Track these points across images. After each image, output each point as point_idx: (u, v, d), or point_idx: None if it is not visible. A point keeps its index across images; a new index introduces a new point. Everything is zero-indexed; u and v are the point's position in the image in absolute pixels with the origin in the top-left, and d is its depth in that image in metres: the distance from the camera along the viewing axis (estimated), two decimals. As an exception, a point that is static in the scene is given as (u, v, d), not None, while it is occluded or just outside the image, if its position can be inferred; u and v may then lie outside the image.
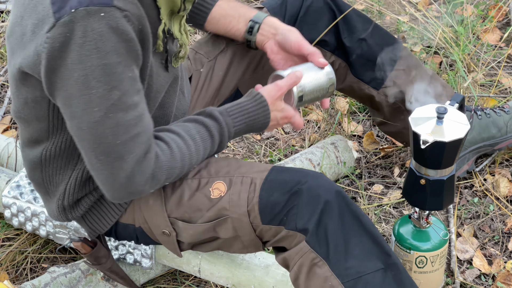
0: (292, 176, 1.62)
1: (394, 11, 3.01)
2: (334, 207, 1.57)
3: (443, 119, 1.73)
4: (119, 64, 1.44)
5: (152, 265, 1.92)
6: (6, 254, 2.10)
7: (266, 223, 1.62)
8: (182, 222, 1.69)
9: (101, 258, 1.82)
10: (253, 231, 1.65)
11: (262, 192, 1.62)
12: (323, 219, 1.57)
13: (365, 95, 2.15)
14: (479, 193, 2.26)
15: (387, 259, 1.59)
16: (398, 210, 2.24)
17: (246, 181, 1.64)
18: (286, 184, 1.61)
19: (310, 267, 1.58)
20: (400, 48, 2.11)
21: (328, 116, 2.50)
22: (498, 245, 2.13)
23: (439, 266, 1.92)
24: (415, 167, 1.80)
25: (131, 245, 1.89)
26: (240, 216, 1.64)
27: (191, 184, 1.69)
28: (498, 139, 2.24)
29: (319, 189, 1.59)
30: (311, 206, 1.58)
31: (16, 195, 1.98)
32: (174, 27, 1.63)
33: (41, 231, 1.99)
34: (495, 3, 2.91)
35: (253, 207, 1.62)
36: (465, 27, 2.68)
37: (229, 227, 1.66)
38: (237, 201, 1.63)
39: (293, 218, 1.59)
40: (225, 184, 1.66)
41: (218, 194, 1.66)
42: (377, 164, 2.39)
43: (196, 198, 1.67)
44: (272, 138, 2.54)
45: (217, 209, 1.65)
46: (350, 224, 1.58)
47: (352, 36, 2.06)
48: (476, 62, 2.66)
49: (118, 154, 1.49)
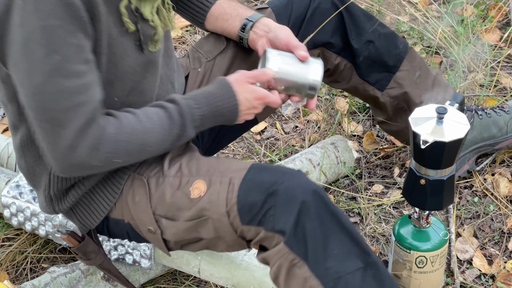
0: (270, 176, 1.60)
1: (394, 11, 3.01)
2: (312, 207, 1.55)
3: (443, 119, 1.73)
4: (59, 28, 1.43)
5: (151, 265, 1.91)
6: (6, 254, 2.10)
7: (245, 223, 1.61)
8: (166, 220, 1.69)
9: (90, 253, 1.80)
10: (234, 231, 1.64)
11: (240, 192, 1.60)
12: (300, 220, 1.55)
13: (369, 95, 2.15)
14: (479, 193, 2.26)
15: (366, 258, 1.57)
16: (398, 210, 2.24)
17: (224, 181, 1.63)
18: (263, 184, 1.59)
19: (290, 267, 1.57)
20: (406, 48, 2.11)
21: (328, 116, 2.50)
22: (498, 245, 2.13)
23: (439, 266, 1.92)
24: (415, 167, 1.80)
25: (130, 246, 1.89)
26: (220, 216, 1.62)
27: (173, 183, 1.68)
28: (498, 139, 2.24)
29: (295, 190, 1.56)
30: (288, 207, 1.56)
31: (15, 195, 1.98)
32: (145, 7, 1.61)
33: (40, 231, 1.99)
34: (495, 3, 2.91)
35: (231, 207, 1.61)
36: (465, 27, 2.68)
37: (210, 228, 1.65)
38: (216, 201, 1.62)
39: (271, 219, 1.57)
40: (205, 184, 1.65)
41: (198, 194, 1.65)
42: (377, 164, 2.39)
43: (177, 196, 1.67)
44: (272, 138, 2.54)
45: (198, 209, 1.64)
46: (328, 223, 1.56)
47: (360, 38, 2.05)
48: (476, 62, 2.66)
49: (58, 121, 1.48)
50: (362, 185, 2.29)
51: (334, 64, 2.09)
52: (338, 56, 2.08)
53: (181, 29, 3.07)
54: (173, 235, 1.70)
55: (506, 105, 2.27)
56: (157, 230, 1.70)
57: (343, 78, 2.12)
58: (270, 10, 2.01)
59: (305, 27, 2.01)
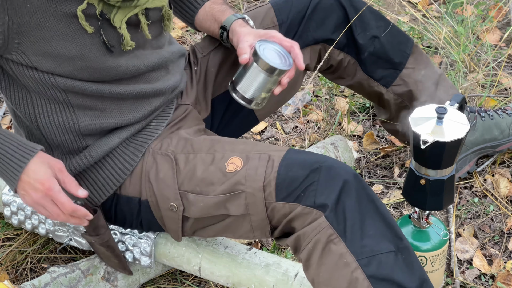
0: (311, 156, 1.65)
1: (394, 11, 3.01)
2: (352, 187, 1.59)
3: (443, 119, 1.73)
4: None
5: (151, 263, 1.92)
6: (6, 254, 2.10)
7: (280, 199, 1.63)
8: (193, 195, 1.69)
9: (101, 227, 1.80)
10: (265, 209, 1.65)
11: (281, 168, 1.63)
12: (342, 197, 1.59)
13: (373, 92, 2.15)
14: (479, 193, 2.26)
15: (399, 242, 1.60)
16: (398, 210, 2.24)
17: (263, 157, 1.66)
18: (305, 162, 1.63)
19: (326, 243, 1.59)
20: (411, 46, 2.11)
21: (328, 116, 2.50)
22: (498, 245, 2.13)
23: (439, 266, 1.92)
24: (415, 167, 1.80)
25: (130, 243, 1.89)
26: (254, 191, 1.64)
27: (205, 158, 1.70)
28: (500, 141, 2.24)
29: (339, 169, 1.61)
30: (331, 183, 1.59)
31: (16, 194, 1.99)
32: (116, 15, 1.64)
33: (40, 229, 1.99)
34: (495, 3, 2.91)
35: (269, 182, 1.63)
36: (465, 27, 2.68)
37: (242, 203, 1.66)
38: (253, 175, 1.64)
39: (312, 194, 1.60)
40: (241, 160, 1.67)
41: (234, 168, 1.66)
42: (377, 164, 2.40)
43: (210, 171, 1.68)
44: (272, 138, 2.54)
45: (232, 183, 1.66)
46: (366, 205, 1.60)
47: (366, 33, 2.05)
48: (476, 62, 2.66)
49: None
50: (362, 185, 2.29)
51: (337, 60, 2.09)
52: (341, 52, 2.08)
53: (181, 29, 3.07)
54: (199, 210, 1.70)
55: (509, 107, 2.28)
56: (180, 206, 1.71)
57: (347, 74, 2.12)
58: (270, 6, 2.02)
59: (305, 23, 2.01)
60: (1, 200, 2.03)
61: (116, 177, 1.75)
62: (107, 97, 1.72)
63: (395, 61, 2.09)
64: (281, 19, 2.01)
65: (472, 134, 2.21)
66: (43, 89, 1.67)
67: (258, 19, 2.01)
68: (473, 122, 2.20)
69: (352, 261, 1.57)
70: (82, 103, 1.70)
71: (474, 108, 2.23)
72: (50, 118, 1.70)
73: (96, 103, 1.71)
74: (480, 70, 2.60)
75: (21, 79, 1.66)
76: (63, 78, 1.65)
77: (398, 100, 2.13)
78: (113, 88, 1.71)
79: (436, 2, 3.05)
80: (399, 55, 2.09)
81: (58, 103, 1.69)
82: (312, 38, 2.02)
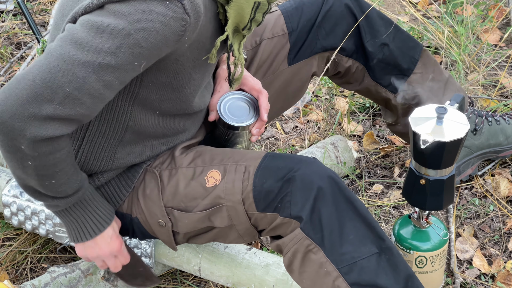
0: (285, 163, 1.63)
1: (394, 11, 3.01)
2: (328, 193, 1.58)
3: (443, 119, 1.73)
4: (141, 47, 1.45)
5: (152, 264, 1.92)
6: (6, 254, 2.10)
7: (261, 210, 1.63)
8: (178, 211, 1.70)
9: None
10: (248, 219, 1.66)
11: (256, 180, 1.63)
12: (316, 206, 1.57)
13: (381, 97, 2.14)
14: (479, 193, 2.26)
15: (381, 243, 1.59)
16: (398, 210, 2.24)
17: (240, 169, 1.65)
18: (279, 171, 1.62)
19: (305, 253, 1.59)
20: (420, 51, 2.09)
21: (328, 116, 2.50)
22: (498, 245, 2.13)
23: (439, 266, 1.92)
24: (415, 167, 1.80)
25: (131, 244, 1.89)
26: (234, 204, 1.64)
27: (186, 173, 1.70)
28: (504, 147, 2.24)
29: (312, 176, 1.59)
30: (305, 193, 1.58)
31: (16, 193, 1.98)
32: (234, 44, 1.64)
33: (40, 230, 1.99)
34: (495, 3, 2.91)
35: (247, 194, 1.63)
36: (465, 27, 2.68)
37: (224, 215, 1.67)
38: (231, 189, 1.64)
39: (287, 205, 1.60)
40: (219, 173, 1.67)
41: (213, 182, 1.67)
42: (377, 164, 2.40)
43: (191, 187, 1.68)
44: (272, 138, 2.54)
45: (212, 197, 1.66)
46: (344, 209, 1.58)
47: (375, 40, 2.03)
48: (477, 62, 2.66)
49: (48, 95, 1.44)
50: (362, 185, 2.29)
51: (345, 67, 2.08)
52: (349, 59, 2.06)
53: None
54: (185, 226, 1.72)
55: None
56: (168, 223, 1.72)
57: (355, 79, 2.11)
58: (279, 13, 2.00)
59: (315, 31, 2.00)
60: (1, 201, 2.03)
61: (119, 194, 1.76)
62: (152, 133, 1.71)
63: (403, 67, 2.08)
64: (291, 27, 2.00)
65: (478, 138, 2.21)
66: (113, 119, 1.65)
67: (268, 26, 2.00)
68: (480, 126, 2.20)
69: (333, 270, 1.57)
70: (130, 139, 1.69)
71: (482, 112, 2.22)
72: (94, 147, 1.68)
73: (143, 141, 1.71)
74: (480, 70, 2.60)
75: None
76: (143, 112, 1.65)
77: (406, 105, 2.12)
78: (175, 124, 1.71)
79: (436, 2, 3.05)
80: (407, 61, 2.08)
81: (114, 136, 1.67)
82: (321, 46, 2.01)
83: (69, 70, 1.43)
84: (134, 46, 1.44)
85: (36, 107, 1.43)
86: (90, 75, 1.44)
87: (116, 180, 1.75)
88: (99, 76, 1.45)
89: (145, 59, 1.48)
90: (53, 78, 1.43)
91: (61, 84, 1.44)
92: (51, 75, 1.43)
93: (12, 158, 1.51)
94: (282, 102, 2.05)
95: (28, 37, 3.05)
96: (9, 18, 3.13)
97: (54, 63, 1.44)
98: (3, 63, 2.90)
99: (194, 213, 1.69)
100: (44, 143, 1.47)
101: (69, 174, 1.59)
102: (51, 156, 1.51)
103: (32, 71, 1.45)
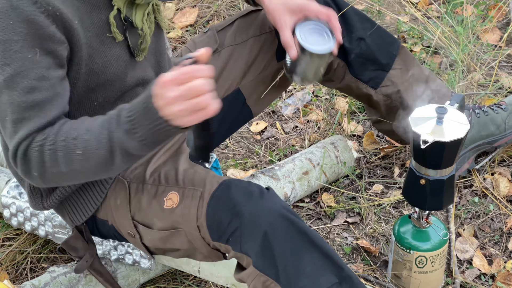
0: (237, 194, 1.58)
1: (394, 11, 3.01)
2: (278, 228, 1.54)
3: (443, 119, 1.73)
4: (15, 42, 1.43)
5: (151, 265, 1.91)
6: (6, 254, 2.10)
7: (215, 240, 1.61)
8: (142, 226, 1.70)
9: (79, 249, 1.79)
10: (206, 244, 1.64)
11: (209, 209, 1.60)
12: (267, 241, 1.53)
13: (362, 94, 2.15)
14: (479, 193, 2.26)
15: (340, 272, 1.55)
16: (398, 210, 2.24)
17: (196, 195, 1.62)
18: (229, 203, 1.58)
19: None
20: (398, 47, 2.11)
21: (328, 116, 2.50)
22: (498, 245, 2.13)
23: (439, 266, 1.92)
24: (415, 167, 1.80)
25: (130, 245, 1.89)
26: (191, 229, 1.63)
27: (150, 190, 1.69)
28: (497, 136, 2.24)
29: (260, 213, 1.55)
30: (253, 230, 1.54)
31: (15, 195, 1.98)
32: (136, 15, 1.60)
33: (40, 231, 1.99)
34: (495, 3, 2.91)
35: (201, 223, 1.61)
36: (465, 27, 2.68)
37: (184, 239, 1.66)
38: (187, 215, 1.63)
39: (238, 241, 1.57)
40: (178, 196, 1.65)
41: (171, 205, 1.65)
42: (377, 164, 2.39)
43: (152, 205, 1.68)
44: (272, 138, 2.54)
45: (171, 220, 1.65)
46: (297, 241, 1.54)
47: (351, 36, 2.05)
48: (476, 62, 2.66)
49: (8, 130, 1.49)
50: (363, 185, 2.29)
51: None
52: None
53: (181, 29, 3.07)
54: (150, 242, 1.72)
55: (503, 102, 2.28)
56: (136, 234, 1.72)
57: (336, 77, 2.12)
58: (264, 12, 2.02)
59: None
60: (1, 202, 2.03)
61: (92, 201, 1.74)
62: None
63: (382, 62, 2.09)
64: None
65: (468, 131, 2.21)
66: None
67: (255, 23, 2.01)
68: (468, 119, 2.20)
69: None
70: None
71: (469, 106, 2.23)
72: None
73: None
74: (479, 70, 2.60)
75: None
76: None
77: (388, 101, 2.13)
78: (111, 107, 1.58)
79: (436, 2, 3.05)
80: (386, 56, 2.09)
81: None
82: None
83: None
84: (10, 44, 1.43)
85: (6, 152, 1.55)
86: (3, 96, 1.46)
87: (87, 187, 1.72)
88: (13, 90, 1.45)
89: (35, 47, 1.45)
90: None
91: (4, 118, 1.48)
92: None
93: (57, 181, 1.53)
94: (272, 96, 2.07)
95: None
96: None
97: None
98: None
99: (155, 231, 1.68)
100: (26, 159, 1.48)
101: (87, 135, 1.47)
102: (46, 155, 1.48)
103: None
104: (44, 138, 1.47)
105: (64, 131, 1.48)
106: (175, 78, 1.35)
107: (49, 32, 1.46)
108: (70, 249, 1.79)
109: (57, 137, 1.47)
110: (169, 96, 1.35)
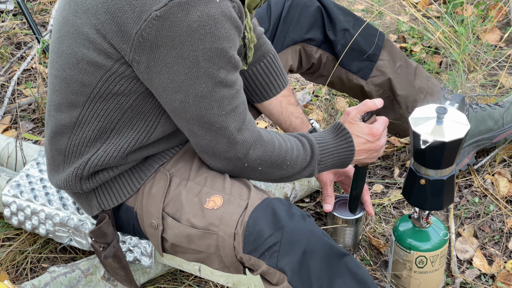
0: (281, 211, 1.61)
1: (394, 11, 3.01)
2: (317, 248, 1.56)
3: (443, 119, 1.73)
4: (230, 48, 1.54)
5: (152, 263, 1.91)
6: (6, 254, 2.10)
7: (247, 252, 1.61)
8: (172, 219, 1.70)
9: (109, 235, 1.80)
10: (234, 255, 1.64)
11: (250, 219, 1.61)
12: (305, 260, 1.55)
13: (354, 86, 2.17)
14: (479, 193, 2.26)
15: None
16: (398, 210, 2.24)
17: (242, 204, 1.64)
18: (273, 217, 1.60)
19: None
20: (382, 38, 2.15)
21: (328, 116, 2.50)
22: (498, 245, 2.13)
23: (439, 266, 1.92)
24: (415, 167, 1.80)
25: (131, 243, 1.89)
26: (226, 235, 1.63)
27: (193, 188, 1.70)
28: (495, 132, 2.25)
29: (303, 229, 1.58)
30: (293, 246, 1.56)
31: (16, 193, 1.98)
32: (250, 51, 1.72)
33: (40, 229, 1.99)
34: (495, 3, 2.91)
35: (238, 231, 1.62)
36: (465, 27, 2.68)
37: (213, 243, 1.66)
38: (227, 220, 1.63)
39: (275, 255, 1.57)
40: (222, 200, 1.66)
41: (212, 206, 1.66)
42: (377, 164, 2.39)
43: (192, 202, 1.68)
44: (272, 138, 2.54)
45: (208, 220, 1.65)
46: (334, 264, 1.56)
47: (335, 28, 2.10)
48: (476, 62, 2.66)
49: (219, 124, 1.60)
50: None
51: (316, 57, 2.13)
52: (318, 49, 2.12)
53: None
54: (174, 236, 1.71)
55: (501, 101, 2.29)
56: (160, 226, 1.71)
57: (327, 71, 2.16)
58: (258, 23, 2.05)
59: (281, 25, 2.07)
60: (1, 201, 2.03)
61: (128, 188, 1.76)
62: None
63: (368, 53, 2.13)
64: (265, 27, 2.07)
65: None
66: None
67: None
68: (465, 114, 2.21)
69: None
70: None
71: (466, 102, 2.24)
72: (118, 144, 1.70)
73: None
74: (480, 70, 2.60)
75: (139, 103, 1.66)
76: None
77: (380, 91, 2.16)
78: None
79: (436, 2, 3.05)
80: (371, 46, 2.13)
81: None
82: (291, 38, 2.09)
83: (212, 103, 1.60)
84: (223, 56, 1.55)
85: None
86: (217, 91, 1.59)
87: (129, 172, 1.75)
88: (226, 86, 1.60)
89: (233, 51, 1.57)
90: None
91: (219, 113, 1.62)
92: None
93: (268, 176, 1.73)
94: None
95: (28, 37, 3.05)
96: (9, 18, 3.13)
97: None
98: (3, 63, 2.90)
99: (185, 227, 1.68)
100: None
101: (296, 157, 1.73)
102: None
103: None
104: (267, 138, 1.70)
105: (277, 139, 1.72)
106: (382, 131, 1.81)
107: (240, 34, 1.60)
108: (100, 235, 1.79)
109: (272, 140, 1.70)
110: (381, 146, 1.81)
